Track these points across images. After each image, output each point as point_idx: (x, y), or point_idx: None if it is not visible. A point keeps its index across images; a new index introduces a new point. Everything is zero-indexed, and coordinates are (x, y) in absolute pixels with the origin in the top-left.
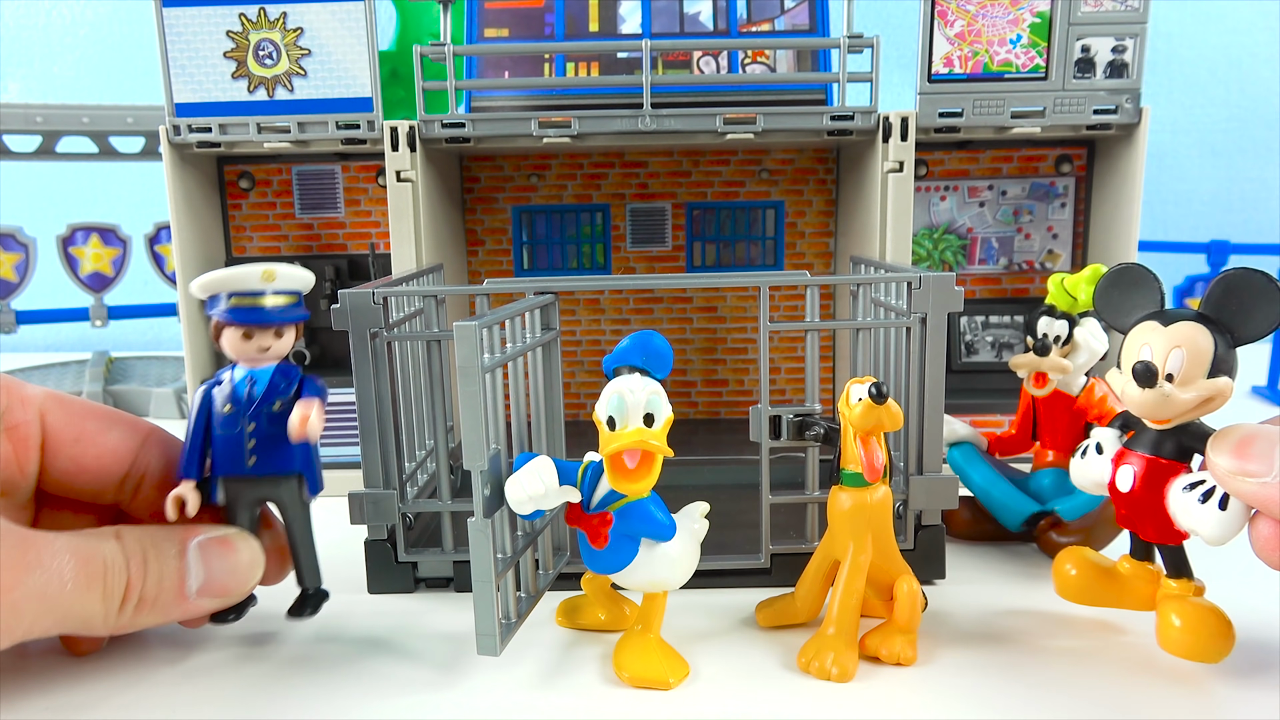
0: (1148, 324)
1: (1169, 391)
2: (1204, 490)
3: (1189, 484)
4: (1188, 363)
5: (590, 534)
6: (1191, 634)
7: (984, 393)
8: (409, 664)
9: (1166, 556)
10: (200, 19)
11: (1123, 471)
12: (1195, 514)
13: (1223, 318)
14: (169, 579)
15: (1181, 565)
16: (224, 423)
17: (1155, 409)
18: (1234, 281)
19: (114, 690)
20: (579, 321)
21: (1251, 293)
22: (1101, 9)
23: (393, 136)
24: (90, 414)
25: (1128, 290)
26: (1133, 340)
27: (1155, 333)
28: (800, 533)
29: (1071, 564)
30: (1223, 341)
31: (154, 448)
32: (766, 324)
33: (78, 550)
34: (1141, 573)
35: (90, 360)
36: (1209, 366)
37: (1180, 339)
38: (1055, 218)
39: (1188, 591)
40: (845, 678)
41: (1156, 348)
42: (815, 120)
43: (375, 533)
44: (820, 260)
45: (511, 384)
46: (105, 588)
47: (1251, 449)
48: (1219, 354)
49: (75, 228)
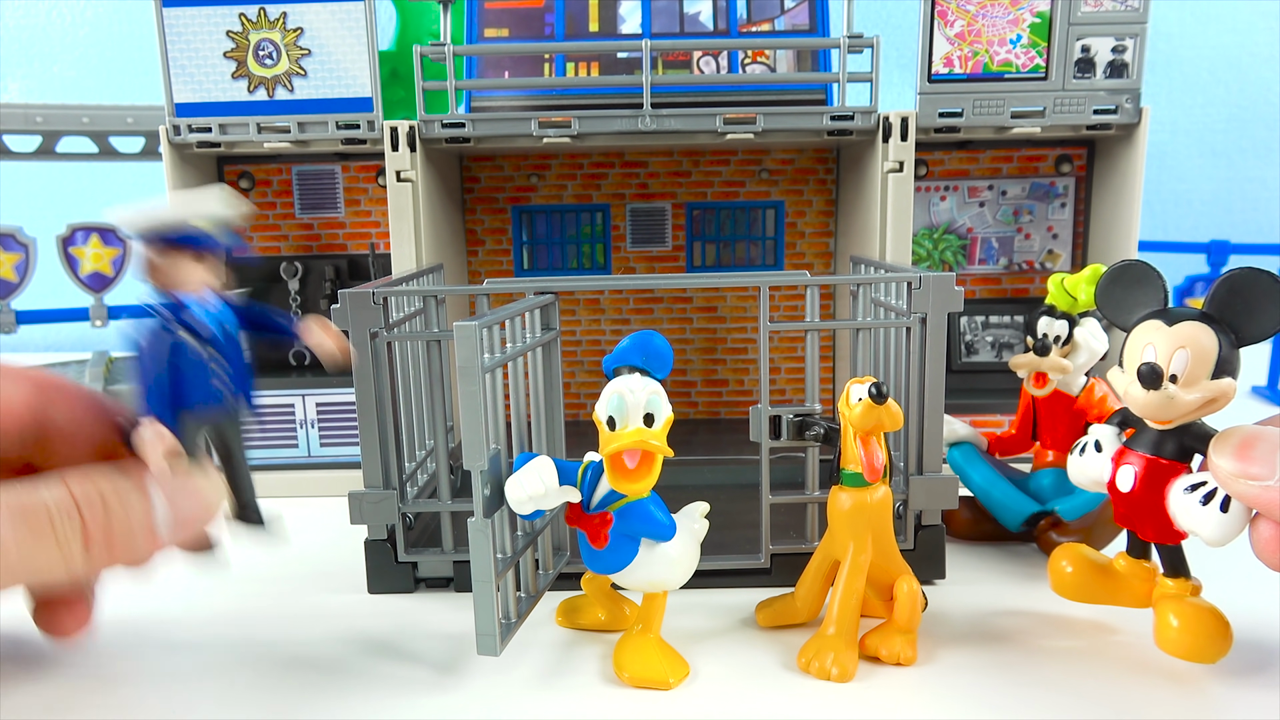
0: (1151, 323)
1: (1173, 393)
2: (1205, 492)
3: (1190, 485)
4: (1192, 364)
5: (590, 534)
6: (1189, 634)
7: (984, 393)
8: (409, 664)
9: (1164, 556)
10: (200, 19)
11: (1123, 471)
12: (1196, 516)
13: (1227, 317)
14: (136, 517)
15: (1179, 564)
16: (198, 358)
17: (1159, 410)
18: (1239, 281)
19: (113, 690)
20: (579, 321)
21: (1257, 292)
22: (1101, 9)
23: (393, 136)
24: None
25: (1130, 287)
26: (1136, 339)
27: (1159, 332)
28: (800, 533)
29: (1067, 561)
30: (1227, 342)
31: (56, 398)
32: (766, 324)
33: (13, 504)
34: (1138, 570)
35: (90, 360)
36: (1213, 367)
37: (1185, 339)
38: (1055, 218)
39: (1185, 591)
40: (845, 678)
41: (1160, 348)
42: (815, 120)
43: (375, 533)
44: (820, 260)
45: (511, 384)
46: (56, 534)
47: (1254, 451)
48: (1223, 354)
49: (75, 228)
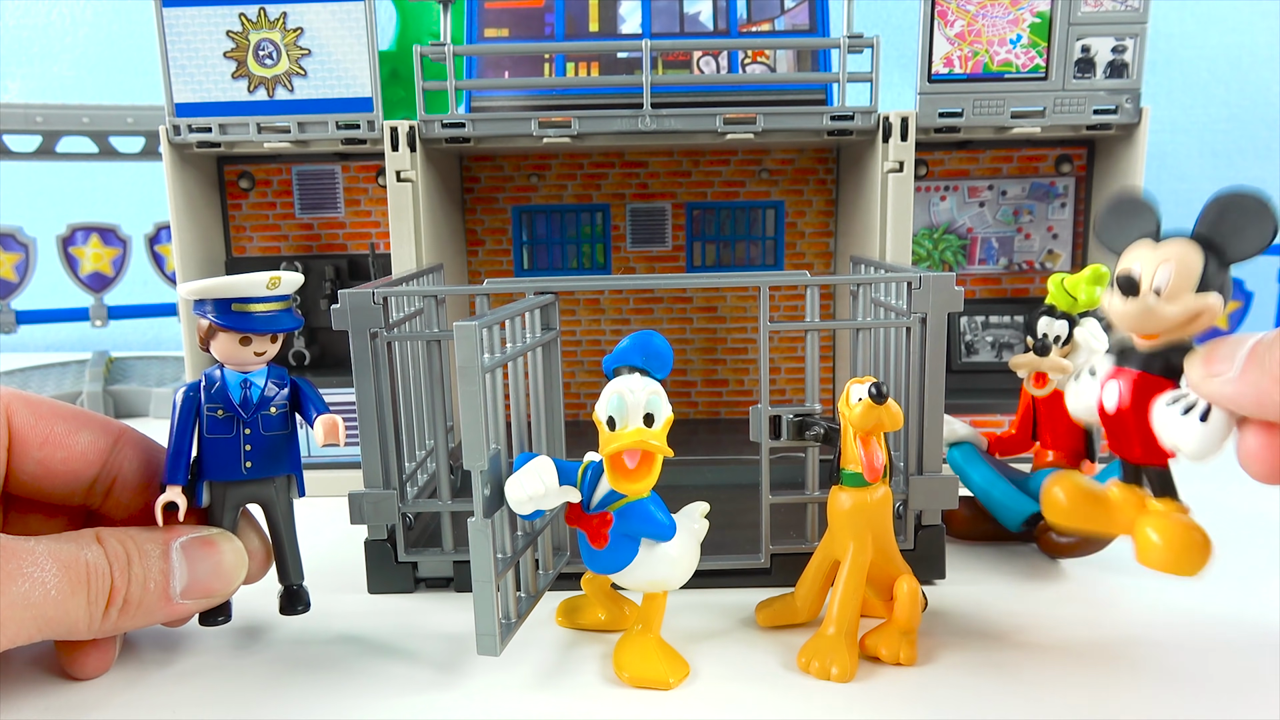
0: (1140, 243)
1: (1152, 304)
2: (1186, 404)
3: (1172, 399)
4: (1175, 276)
5: (590, 534)
6: (1168, 547)
7: (984, 393)
8: (409, 664)
9: (1153, 477)
10: (200, 19)
11: (1109, 388)
12: (1177, 428)
13: (1215, 236)
14: (154, 581)
15: (1167, 485)
16: (219, 427)
17: (1139, 322)
18: (1227, 200)
19: (113, 691)
20: (579, 321)
21: (1244, 211)
22: (1101, 9)
23: (393, 136)
24: (59, 415)
25: (1127, 217)
26: (1123, 261)
27: (1145, 249)
28: (800, 533)
29: (1061, 489)
30: (1214, 260)
31: (126, 450)
32: (766, 324)
33: (60, 556)
34: (1131, 496)
35: (90, 360)
36: (1197, 281)
37: (1169, 254)
38: (1055, 218)
39: (1172, 510)
40: (845, 678)
41: (1146, 264)
42: (815, 120)
43: (375, 533)
44: (820, 260)
45: (511, 384)
46: (89, 592)
47: (1217, 351)
48: (1209, 270)
49: (75, 228)
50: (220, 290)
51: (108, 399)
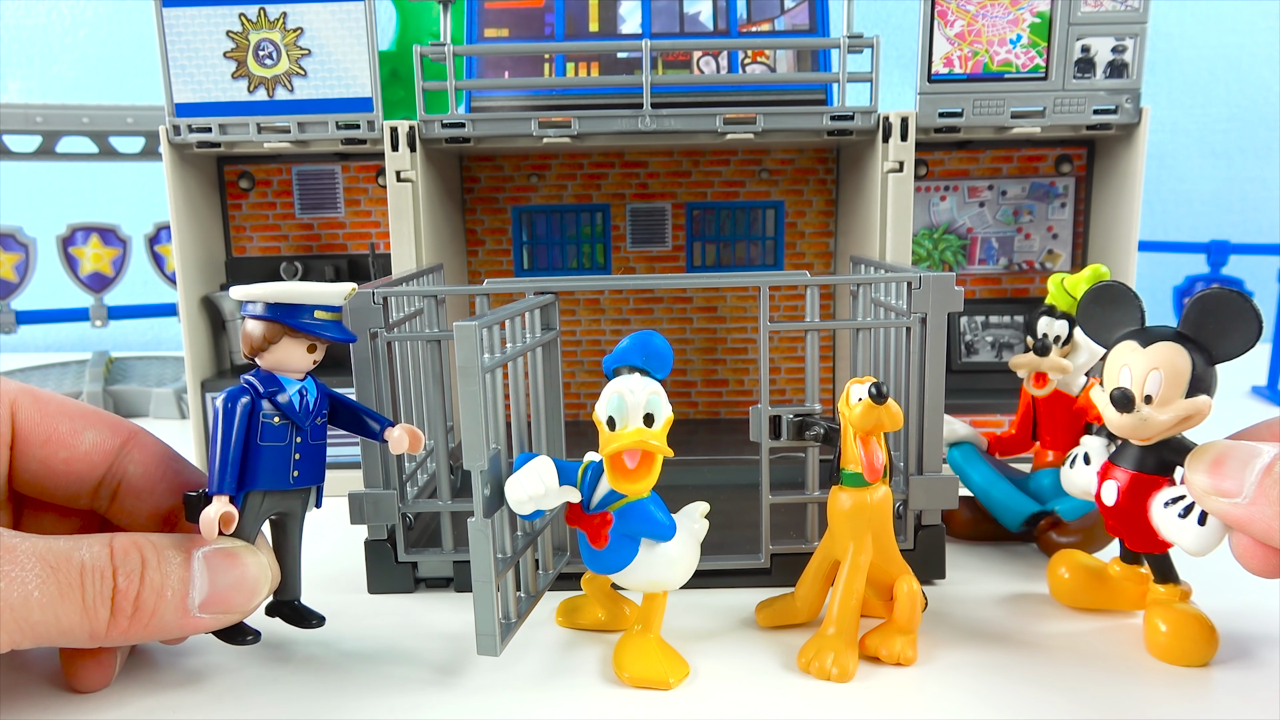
0: (1127, 344)
1: (1146, 415)
2: (1184, 506)
3: (1170, 499)
4: (1165, 384)
5: (590, 534)
6: (1176, 640)
7: (984, 393)
8: (409, 664)
9: (1152, 564)
10: (200, 19)
11: (1107, 486)
12: (1176, 528)
13: (1200, 337)
14: (172, 589)
15: (1167, 571)
16: (274, 434)
17: (1135, 430)
18: (1210, 302)
19: (113, 690)
20: (579, 321)
21: (1228, 313)
22: (1101, 9)
23: (393, 136)
24: (65, 414)
25: (1109, 307)
26: (1113, 361)
27: (1134, 353)
28: (800, 533)
29: (1065, 568)
30: (1200, 360)
31: (135, 452)
32: (766, 324)
33: (48, 556)
34: (1132, 575)
35: (90, 360)
36: (1187, 387)
37: (1158, 361)
38: (1055, 218)
39: (1174, 596)
40: (845, 678)
41: (1135, 369)
42: (815, 120)
43: (375, 533)
44: (820, 260)
45: (511, 384)
46: (84, 596)
47: (1225, 468)
48: (1196, 373)
49: (75, 228)
50: (306, 296)
51: (107, 399)
